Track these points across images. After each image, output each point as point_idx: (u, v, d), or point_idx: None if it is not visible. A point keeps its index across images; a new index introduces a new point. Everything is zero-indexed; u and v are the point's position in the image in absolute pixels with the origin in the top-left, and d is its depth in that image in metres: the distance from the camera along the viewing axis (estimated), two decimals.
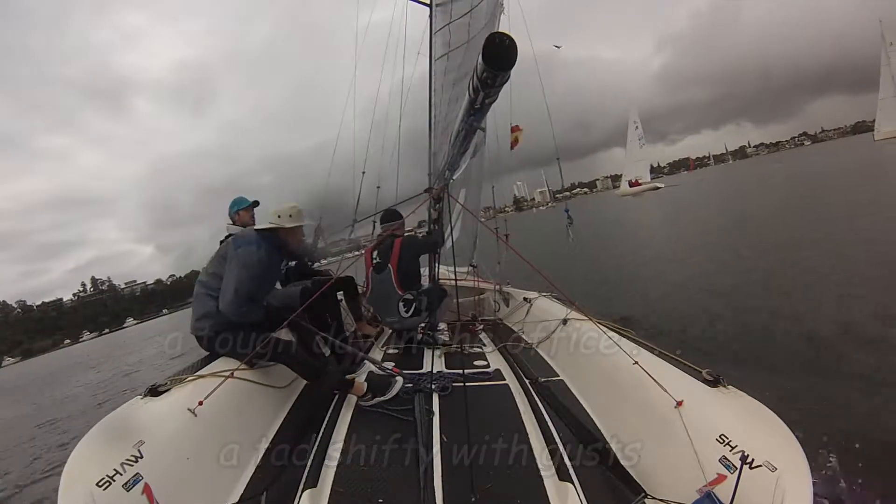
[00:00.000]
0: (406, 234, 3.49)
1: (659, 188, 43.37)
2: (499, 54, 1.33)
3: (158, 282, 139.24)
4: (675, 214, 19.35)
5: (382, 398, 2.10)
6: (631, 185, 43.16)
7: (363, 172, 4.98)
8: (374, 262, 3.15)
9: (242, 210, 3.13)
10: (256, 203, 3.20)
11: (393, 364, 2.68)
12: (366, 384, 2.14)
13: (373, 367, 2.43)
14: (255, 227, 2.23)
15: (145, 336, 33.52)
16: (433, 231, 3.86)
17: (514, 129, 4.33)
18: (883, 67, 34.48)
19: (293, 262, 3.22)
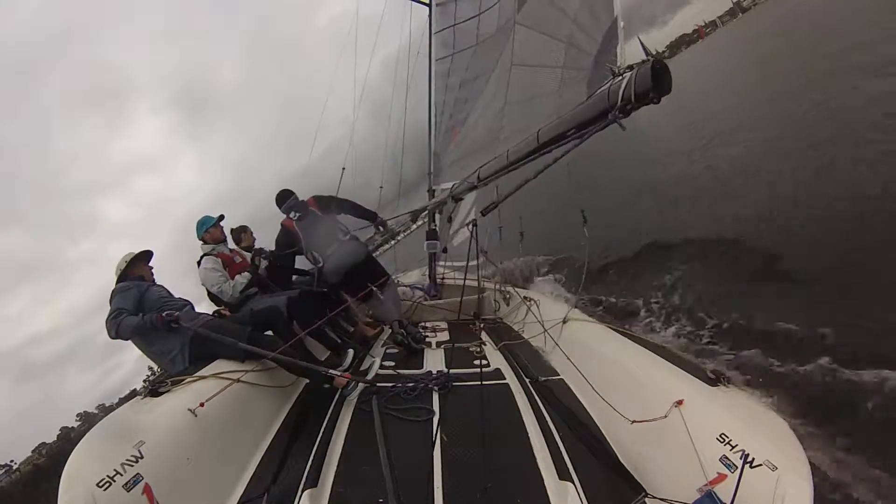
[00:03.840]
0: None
1: None
2: (661, 81, 1.50)
3: None
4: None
5: (364, 379, 2.26)
6: None
7: (343, 168, 5.05)
8: (296, 218, 3.22)
9: (212, 228, 3.18)
10: (222, 217, 3.25)
11: (393, 364, 2.69)
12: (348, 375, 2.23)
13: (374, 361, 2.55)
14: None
15: None
16: (432, 232, 3.87)
17: None
18: None
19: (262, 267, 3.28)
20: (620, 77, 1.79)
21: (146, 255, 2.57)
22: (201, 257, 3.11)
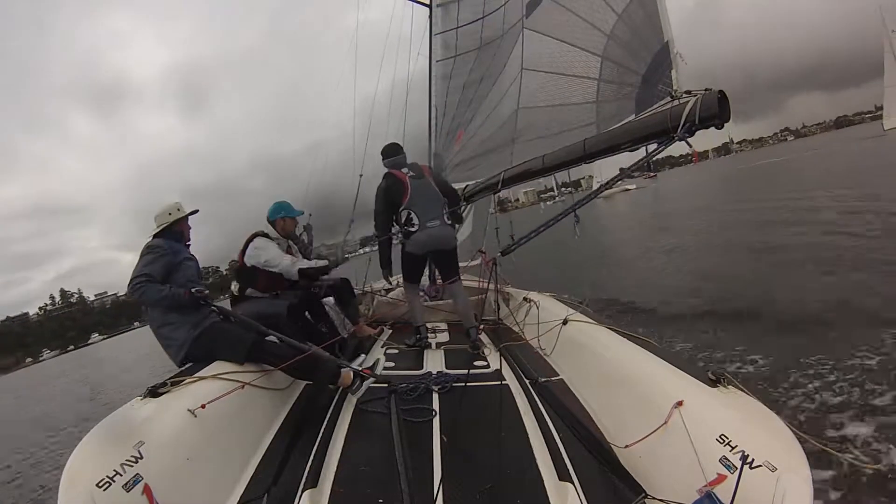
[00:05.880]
0: None
1: (629, 189, 44.91)
2: (724, 108, 1.66)
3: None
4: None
5: (368, 380, 2.22)
6: None
7: (360, 175, 5.01)
8: (409, 174, 3.09)
9: (289, 218, 3.09)
10: (302, 213, 3.21)
11: (393, 364, 2.69)
12: (352, 373, 2.23)
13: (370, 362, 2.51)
14: (152, 234, 2.38)
15: (95, 357, 31.06)
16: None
17: None
18: (886, 55, 32.64)
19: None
20: (678, 101, 1.86)
21: (192, 213, 2.50)
22: (259, 235, 3.00)
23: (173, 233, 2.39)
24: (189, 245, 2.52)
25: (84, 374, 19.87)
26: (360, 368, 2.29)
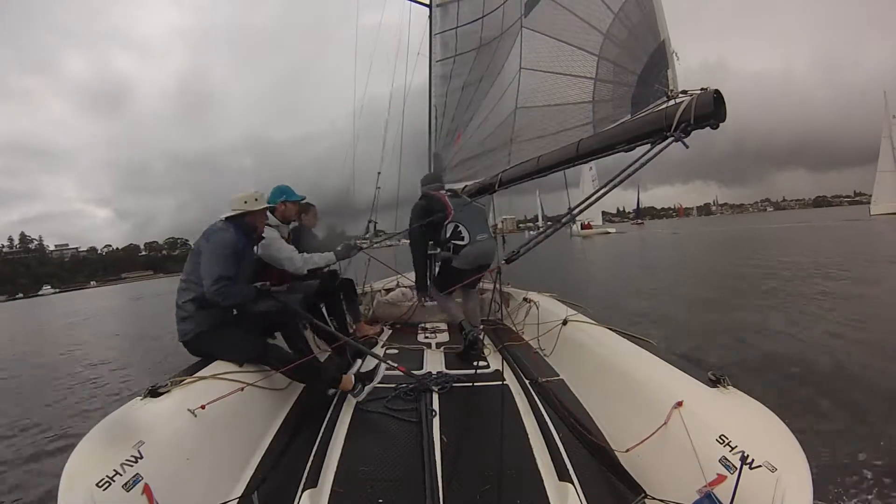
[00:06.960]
0: None
1: (609, 233, 46.71)
2: (720, 108, 1.64)
3: (92, 250, 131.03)
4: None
5: (370, 384, 2.18)
6: (583, 227, 43.94)
7: (378, 173, 5.11)
8: (448, 195, 3.19)
9: (290, 203, 3.00)
10: (304, 199, 3.11)
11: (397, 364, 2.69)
12: (353, 377, 2.21)
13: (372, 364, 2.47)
14: (224, 216, 2.31)
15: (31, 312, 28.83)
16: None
17: None
18: (884, 139, 31.99)
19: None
20: (673, 100, 1.85)
21: (269, 209, 2.47)
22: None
23: (243, 223, 2.32)
24: (259, 237, 2.49)
25: None
26: (396, 366, 2.31)
